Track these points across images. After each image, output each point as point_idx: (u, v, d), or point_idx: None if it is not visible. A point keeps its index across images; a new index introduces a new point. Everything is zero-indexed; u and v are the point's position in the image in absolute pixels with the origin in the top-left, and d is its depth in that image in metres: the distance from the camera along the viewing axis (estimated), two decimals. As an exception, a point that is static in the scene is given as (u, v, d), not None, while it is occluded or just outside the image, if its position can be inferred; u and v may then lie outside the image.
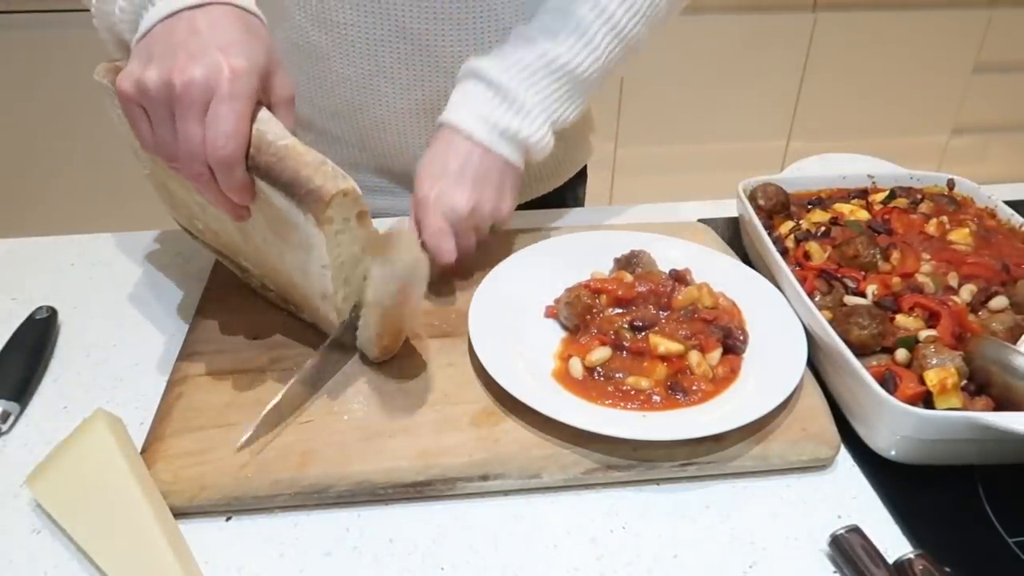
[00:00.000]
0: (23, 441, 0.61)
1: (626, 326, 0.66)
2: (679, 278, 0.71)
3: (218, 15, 0.55)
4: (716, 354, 0.64)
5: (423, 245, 0.68)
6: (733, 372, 0.64)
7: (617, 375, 0.63)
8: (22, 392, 0.64)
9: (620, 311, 0.68)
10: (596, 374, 0.63)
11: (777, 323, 0.68)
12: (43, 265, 0.80)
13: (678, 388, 0.62)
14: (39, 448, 0.59)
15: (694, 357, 0.63)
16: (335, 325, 0.64)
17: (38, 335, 0.68)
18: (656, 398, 0.61)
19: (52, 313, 0.71)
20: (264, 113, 0.56)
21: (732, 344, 0.66)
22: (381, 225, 0.86)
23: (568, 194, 1.03)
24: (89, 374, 0.67)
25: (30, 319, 0.70)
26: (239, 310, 0.71)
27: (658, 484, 0.58)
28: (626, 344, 0.64)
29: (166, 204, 0.72)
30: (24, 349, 0.67)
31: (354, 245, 0.60)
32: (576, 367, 0.63)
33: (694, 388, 0.62)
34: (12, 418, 0.62)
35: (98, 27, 0.67)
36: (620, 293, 0.68)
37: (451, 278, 0.75)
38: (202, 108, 0.52)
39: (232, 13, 0.55)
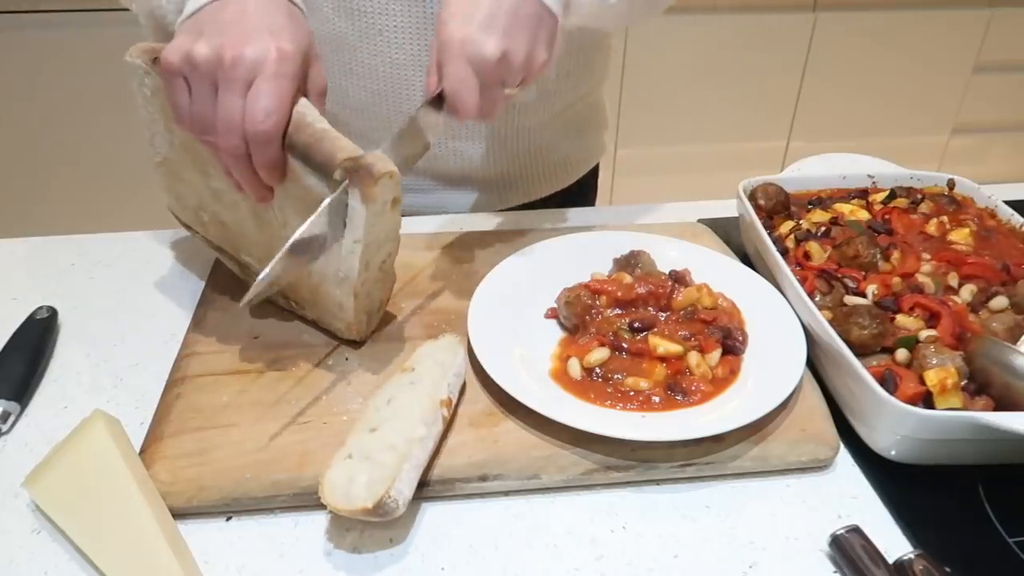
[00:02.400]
0: (23, 441, 0.61)
1: (625, 327, 0.66)
2: (679, 279, 0.71)
3: (266, 0, 0.57)
4: (715, 355, 0.64)
5: (443, 95, 0.63)
6: (733, 373, 0.64)
7: (616, 376, 0.63)
8: (22, 392, 0.63)
9: (619, 312, 0.68)
10: (595, 375, 0.63)
11: (777, 324, 0.68)
12: (43, 265, 0.80)
13: (677, 389, 0.62)
14: (39, 448, 0.59)
15: (693, 358, 0.63)
16: (349, 311, 0.64)
17: (38, 335, 0.68)
18: (655, 399, 0.61)
19: (52, 313, 0.71)
20: (303, 100, 0.59)
21: (732, 345, 0.66)
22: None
23: (578, 193, 1.03)
24: (89, 374, 0.67)
25: (30, 319, 0.70)
26: (238, 311, 0.71)
27: (658, 484, 0.58)
28: (625, 345, 0.64)
29: (170, 195, 0.72)
30: (24, 349, 0.67)
31: (381, 231, 0.61)
32: (575, 368, 0.63)
33: (693, 389, 0.62)
34: (12, 418, 0.62)
35: (137, 11, 0.68)
36: (619, 294, 0.68)
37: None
38: (246, 84, 0.55)
39: (279, 0, 0.58)
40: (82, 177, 1.85)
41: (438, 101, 0.63)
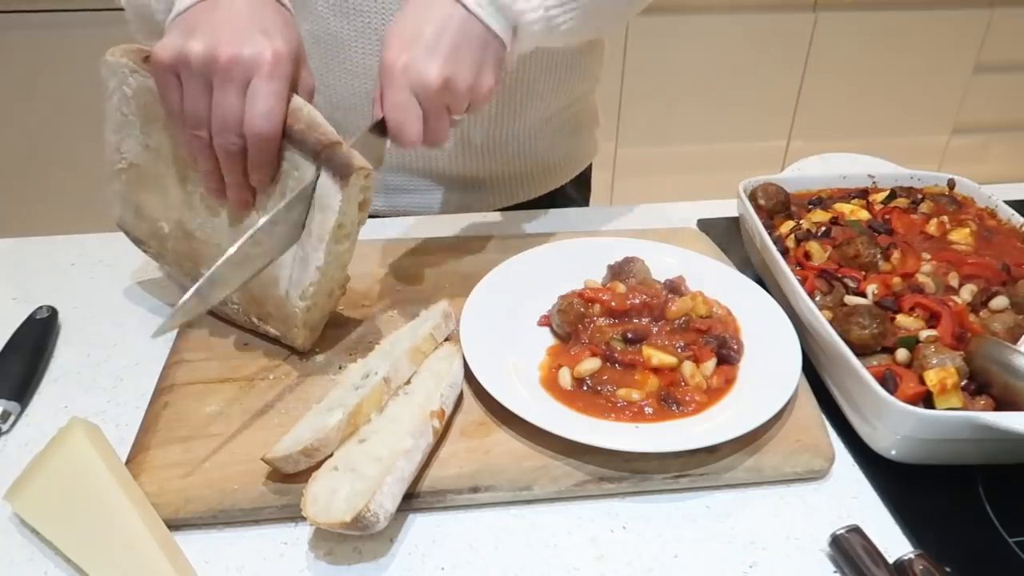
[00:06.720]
0: (23, 441, 0.61)
1: (619, 337, 0.65)
2: (673, 288, 0.70)
3: (257, 1, 0.58)
4: (710, 364, 0.63)
5: (384, 121, 0.61)
6: (728, 382, 0.63)
7: (607, 388, 0.62)
8: (22, 392, 0.63)
9: (613, 321, 0.67)
10: (585, 385, 0.62)
11: (772, 332, 0.67)
12: (43, 265, 0.80)
13: (671, 399, 0.61)
14: (40, 448, 0.59)
15: (688, 368, 0.63)
16: (296, 318, 0.63)
17: (38, 335, 0.68)
18: (648, 409, 0.60)
19: (52, 313, 0.71)
20: (296, 98, 0.60)
21: (727, 354, 0.65)
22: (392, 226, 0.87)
23: (572, 193, 1.03)
24: (89, 374, 0.67)
25: (30, 319, 0.70)
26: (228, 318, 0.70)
27: (652, 495, 0.58)
28: (617, 356, 0.63)
29: (125, 207, 0.70)
30: (24, 349, 0.67)
31: (350, 228, 0.61)
32: (565, 377, 0.62)
33: (687, 399, 0.61)
34: (12, 418, 0.62)
35: (126, 8, 0.69)
36: (613, 304, 0.67)
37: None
38: (243, 84, 0.56)
39: (269, 1, 0.59)
40: (82, 177, 1.84)
41: (381, 127, 0.61)
